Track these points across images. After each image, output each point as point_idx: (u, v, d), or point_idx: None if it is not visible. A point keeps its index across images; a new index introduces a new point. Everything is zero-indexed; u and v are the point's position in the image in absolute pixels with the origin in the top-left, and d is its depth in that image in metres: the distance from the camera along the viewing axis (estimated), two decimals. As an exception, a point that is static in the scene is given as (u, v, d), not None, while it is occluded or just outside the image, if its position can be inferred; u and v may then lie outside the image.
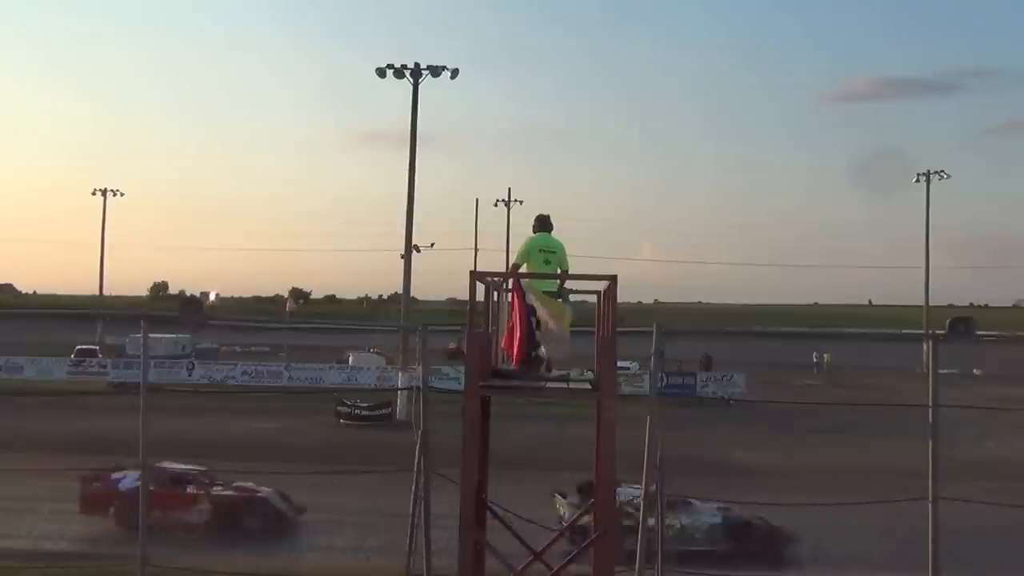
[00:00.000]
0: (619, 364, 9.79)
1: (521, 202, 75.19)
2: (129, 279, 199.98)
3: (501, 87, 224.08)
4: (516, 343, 8.66)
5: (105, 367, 49.93)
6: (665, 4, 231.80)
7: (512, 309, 9.03)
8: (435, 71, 41.84)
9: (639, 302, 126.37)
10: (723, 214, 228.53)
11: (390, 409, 36.20)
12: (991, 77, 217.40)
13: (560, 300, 9.25)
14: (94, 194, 78.94)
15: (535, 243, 9.44)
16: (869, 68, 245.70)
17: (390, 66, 41.86)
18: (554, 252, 9.37)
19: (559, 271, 9.42)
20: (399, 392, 35.59)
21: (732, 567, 16.98)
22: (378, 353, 55.72)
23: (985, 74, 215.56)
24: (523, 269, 9.41)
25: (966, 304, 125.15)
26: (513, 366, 8.82)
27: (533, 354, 8.82)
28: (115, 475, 18.17)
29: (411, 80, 41.76)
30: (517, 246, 9.88)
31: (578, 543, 10.45)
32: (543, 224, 9.58)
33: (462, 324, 9.59)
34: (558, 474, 20.71)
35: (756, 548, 17.87)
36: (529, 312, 8.75)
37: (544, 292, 9.06)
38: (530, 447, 24.65)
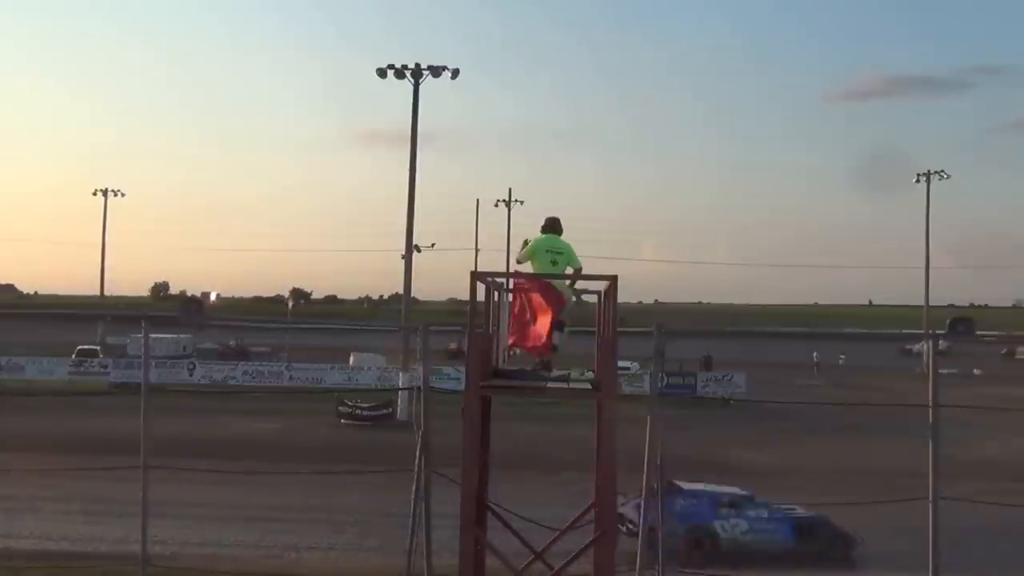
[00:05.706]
0: (619, 364, 9.80)
1: (522, 202, 75.43)
2: (130, 279, 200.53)
3: (502, 87, 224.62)
4: (543, 328, 8.80)
5: (106, 367, 49.85)
6: (667, 2, 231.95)
7: (517, 302, 9.14)
8: (435, 71, 41.81)
9: (639, 302, 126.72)
10: (723, 214, 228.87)
11: (391, 409, 36.24)
12: (1000, 75, 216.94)
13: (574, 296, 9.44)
14: (95, 194, 78.98)
15: (542, 243, 9.47)
16: (876, 66, 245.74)
17: (391, 66, 41.84)
18: (561, 253, 9.39)
19: (570, 270, 9.47)
20: (400, 392, 35.65)
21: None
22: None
23: (995, 72, 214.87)
24: (528, 269, 9.44)
25: (966, 304, 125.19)
26: (543, 353, 8.96)
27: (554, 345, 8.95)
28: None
29: (411, 80, 41.74)
30: (519, 246, 9.91)
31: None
32: (552, 226, 9.61)
33: (462, 324, 9.59)
34: (558, 474, 20.76)
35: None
36: (554, 301, 8.93)
37: None
38: (530, 447, 24.69)
